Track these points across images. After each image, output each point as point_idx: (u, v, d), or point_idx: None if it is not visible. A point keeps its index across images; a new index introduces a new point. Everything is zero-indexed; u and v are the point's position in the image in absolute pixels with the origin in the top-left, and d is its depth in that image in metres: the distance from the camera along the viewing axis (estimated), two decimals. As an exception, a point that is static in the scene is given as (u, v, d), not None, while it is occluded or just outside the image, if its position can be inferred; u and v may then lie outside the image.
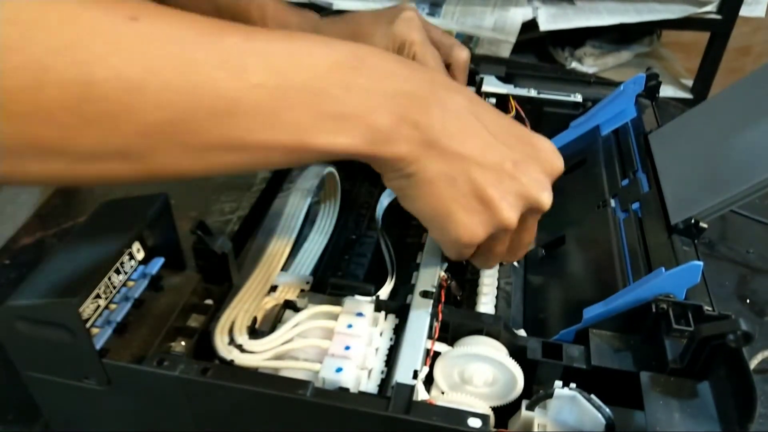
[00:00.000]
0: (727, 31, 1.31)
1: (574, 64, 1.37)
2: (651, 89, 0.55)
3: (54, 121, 0.22)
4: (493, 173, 0.34)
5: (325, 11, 1.20)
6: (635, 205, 0.45)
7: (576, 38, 1.39)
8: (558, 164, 0.37)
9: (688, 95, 1.39)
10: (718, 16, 1.29)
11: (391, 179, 0.35)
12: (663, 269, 0.36)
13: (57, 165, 0.24)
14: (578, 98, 0.58)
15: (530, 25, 1.21)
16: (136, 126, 0.24)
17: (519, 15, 1.21)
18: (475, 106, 0.36)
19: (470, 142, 0.34)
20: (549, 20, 1.28)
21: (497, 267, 0.45)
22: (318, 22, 0.54)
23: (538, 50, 1.34)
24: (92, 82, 0.22)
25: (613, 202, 0.47)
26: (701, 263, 0.35)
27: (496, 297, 0.43)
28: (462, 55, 0.55)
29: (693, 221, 0.39)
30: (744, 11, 1.29)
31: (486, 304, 0.42)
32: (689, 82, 1.41)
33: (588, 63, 1.39)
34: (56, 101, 0.22)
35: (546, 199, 0.36)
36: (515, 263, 0.47)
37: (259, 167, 0.31)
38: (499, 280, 0.45)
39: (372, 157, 0.33)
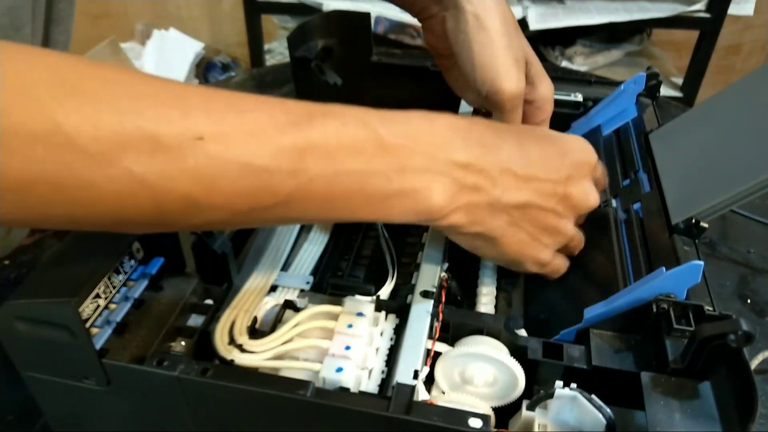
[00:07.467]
0: (716, 30, 1.31)
1: (564, 63, 1.37)
2: (651, 89, 0.55)
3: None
4: (550, 204, 0.37)
5: (315, 12, 1.20)
6: (636, 205, 0.45)
7: (566, 37, 1.39)
8: (591, 157, 0.39)
9: (678, 93, 1.39)
10: (707, 15, 1.29)
11: (455, 237, 0.37)
12: (664, 269, 0.35)
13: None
14: (579, 98, 0.58)
15: (520, 25, 1.22)
16: (208, 216, 0.29)
17: (509, 14, 1.21)
18: (522, 144, 0.36)
19: (526, 189, 0.35)
20: (539, 19, 1.27)
21: (497, 269, 0.45)
22: None
23: (528, 49, 1.35)
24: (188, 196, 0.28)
25: (614, 202, 0.47)
26: (702, 263, 0.35)
27: (496, 297, 0.43)
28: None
29: (694, 221, 0.39)
30: (733, 10, 1.29)
31: (486, 304, 0.42)
32: (680, 81, 1.41)
33: (578, 62, 1.39)
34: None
35: (594, 201, 0.39)
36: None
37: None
38: (499, 280, 0.45)
39: (431, 225, 0.35)
